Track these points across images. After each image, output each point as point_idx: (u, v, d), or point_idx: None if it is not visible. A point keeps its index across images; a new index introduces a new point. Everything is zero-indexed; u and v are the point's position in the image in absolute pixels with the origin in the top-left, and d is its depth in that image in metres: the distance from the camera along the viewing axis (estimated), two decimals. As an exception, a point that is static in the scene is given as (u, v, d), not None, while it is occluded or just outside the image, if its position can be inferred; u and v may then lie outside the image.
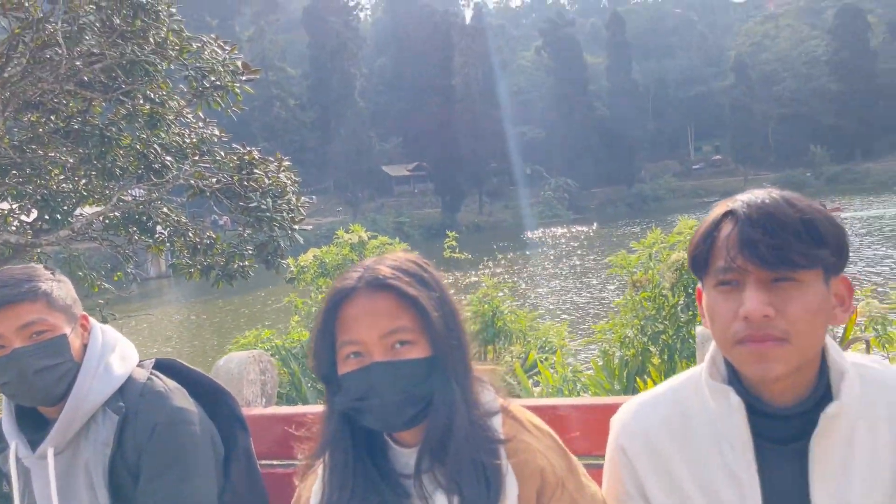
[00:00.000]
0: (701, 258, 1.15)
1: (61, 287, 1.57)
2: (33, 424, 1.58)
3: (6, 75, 6.02)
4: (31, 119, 7.29)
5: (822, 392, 1.14)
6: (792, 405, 1.14)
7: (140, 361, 1.69)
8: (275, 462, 1.88)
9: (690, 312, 4.77)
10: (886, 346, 4.76)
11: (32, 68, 6.18)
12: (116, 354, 1.63)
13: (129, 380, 1.62)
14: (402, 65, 74.28)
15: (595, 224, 56.24)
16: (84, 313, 1.63)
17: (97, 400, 1.56)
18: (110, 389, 1.57)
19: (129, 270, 9.08)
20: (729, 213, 1.13)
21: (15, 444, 1.55)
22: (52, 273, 1.60)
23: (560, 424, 1.61)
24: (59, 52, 6.11)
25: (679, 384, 1.29)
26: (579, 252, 35.11)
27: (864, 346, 4.41)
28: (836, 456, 1.11)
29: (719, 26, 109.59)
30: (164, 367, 1.73)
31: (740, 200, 1.13)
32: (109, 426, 1.55)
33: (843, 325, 4.58)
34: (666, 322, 4.87)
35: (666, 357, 4.84)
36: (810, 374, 1.14)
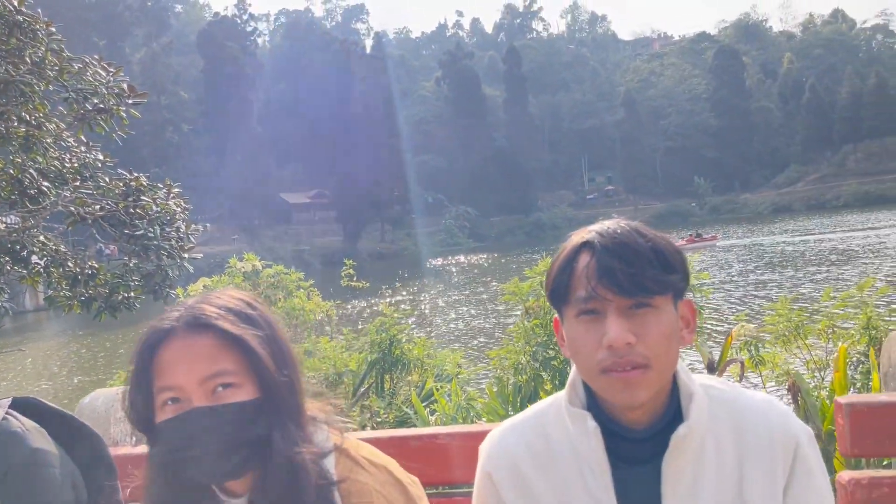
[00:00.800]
0: (561, 289, 1.18)
1: None
2: None
3: None
4: None
5: (672, 414, 1.19)
6: (646, 428, 1.18)
7: None
8: (144, 505, 1.77)
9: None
10: (759, 366, 5.06)
11: None
12: None
13: None
14: (301, 91, 73.66)
15: (495, 252, 57.30)
16: None
17: None
18: None
19: (0, 304, 8.47)
20: (585, 244, 1.16)
21: None
22: None
23: (440, 452, 1.61)
24: (-78, 69, 5.71)
25: (542, 410, 1.32)
26: (485, 279, 35.61)
27: (738, 367, 4.67)
28: (687, 473, 1.16)
29: (610, 63, 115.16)
30: (22, 405, 1.61)
31: (594, 231, 1.17)
32: None
33: (720, 349, 4.83)
34: (556, 348, 4.99)
35: (557, 382, 4.94)
36: (663, 396, 1.19)
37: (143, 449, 1.92)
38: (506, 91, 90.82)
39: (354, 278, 7.68)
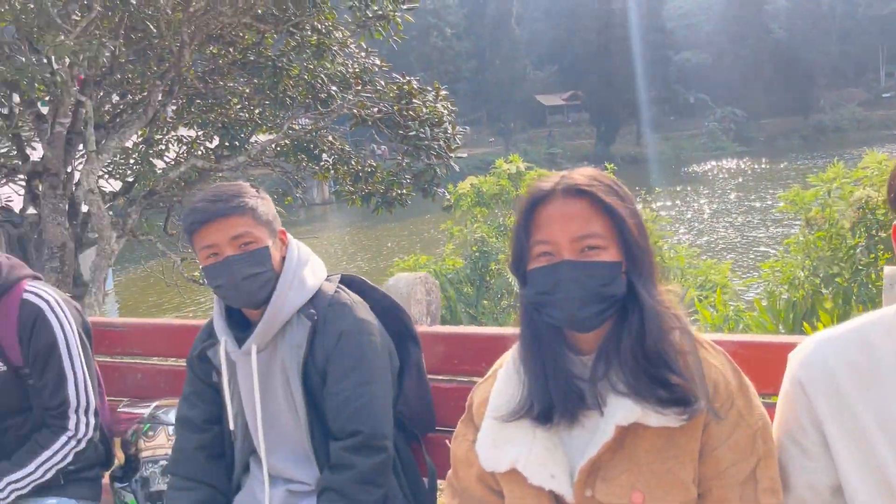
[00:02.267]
0: None
1: (264, 203, 1.74)
2: (239, 325, 1.78)
3: (192, 10, 6.45)
4: (213, 51, 7.83)
5: None
6: None
7: (327, 276, 1.84)
8: (439, 377, 1.98)
9: (872, 255, 4.40)
10: None
11: (214, 2, 6.58)
12: (309, 268, 1.79)
13: (319, 291, 1.78)
14: (561, -12, 71.59)
15: (764, 157, 52.47)
16: (282, 228, 1.80)
17: (293, 306, 1.73)
18: (304, 298, 1.74)
19: (297, 196, 9.67)
20: None
21: (224, 340, 1.76)
22: (257, 190, 1.76)
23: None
24: (237, -15, 6.46)
25: (866, 324, 1.23)
26: (757, 188, 32.94)
27: None
28: None
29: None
30: (348, 282, 1.88)
31: None
32: (302, 331, 1.72)
33: None
34: (842, 264, 4.53)
35: (840, 301, 4.52)
36: None
37: (438, 328, 2.13)
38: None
39: (614, 181, 7.54)
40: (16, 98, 7.34)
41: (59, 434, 1.84)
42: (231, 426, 1.80)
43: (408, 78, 8.01)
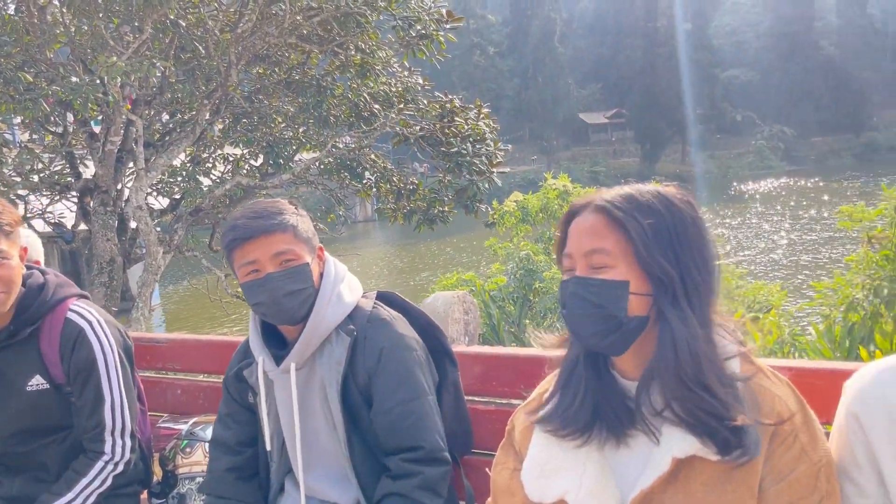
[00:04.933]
0: None
1: (304, 221, 1.72)
2: (276, 343, 1.76)
3: (239, 31, 6.57)
4: (259, 71, 7.96)
5: None
6: None
7: (364, 292, 1.81)
8: (476, 398, 1.93)
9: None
10: None
11: (261, 23, 6.70)
12: (346, 284, 1.77)
13: (357, 308, 1.76)
14: (605, 7, 71.45)
15: (815, 177, 51.28)
16: (321, 245, 1.77)
17: (332, 323, 1.71)
18: (342, 314, 1.72)
19: (339, 213, 9.74)
20: None
21: (262, 359, 1.74)
22: (296, 208, 1.74)
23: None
24: (283, 7, 6.56)
25: None
26: (810, 206, 32.19)
27: None
28: None
29: None
30: (384, 298, 1.85)
31: None
32: (342, 347, 1.69)
33: None
34: (904, 285, 4.34)
35: (901, 325, 4.32)
36: None
37: (476, 348, 2.08)
38: (840, -10, 78.59)
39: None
40: (69, 117, 7.57)
41: (96, 460, 1.85)
42: (268, 447, 1.78)
43: (450, 96, 8.04)
